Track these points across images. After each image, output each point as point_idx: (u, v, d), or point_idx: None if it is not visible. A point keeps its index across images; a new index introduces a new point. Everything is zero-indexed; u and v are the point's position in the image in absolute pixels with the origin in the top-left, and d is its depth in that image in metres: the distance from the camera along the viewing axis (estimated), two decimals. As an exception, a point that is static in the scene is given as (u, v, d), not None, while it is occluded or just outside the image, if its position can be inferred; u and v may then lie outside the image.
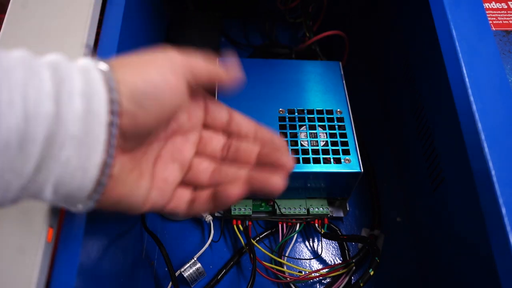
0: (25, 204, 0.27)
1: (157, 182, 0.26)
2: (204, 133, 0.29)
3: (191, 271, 0.44)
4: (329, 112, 0.46)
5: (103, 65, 0.22)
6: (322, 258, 0.49)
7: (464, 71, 0.33)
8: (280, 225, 0.47)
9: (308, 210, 0.47)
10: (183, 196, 0.27)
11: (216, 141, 0.29)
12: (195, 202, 0.27)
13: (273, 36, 0.64)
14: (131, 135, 0.22)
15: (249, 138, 0.28)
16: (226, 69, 0.27)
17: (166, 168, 0.26)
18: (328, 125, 0.45)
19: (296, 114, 0.46)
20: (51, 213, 0.28)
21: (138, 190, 0.24)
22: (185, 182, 0.27)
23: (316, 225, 0.47)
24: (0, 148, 0.18)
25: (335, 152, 0.43)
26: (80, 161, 0.20)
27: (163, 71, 0.23)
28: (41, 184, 0.20)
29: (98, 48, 0.34)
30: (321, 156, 0.43)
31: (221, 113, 0.29)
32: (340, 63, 0.51)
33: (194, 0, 0.61)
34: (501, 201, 0.28)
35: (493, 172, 0.29)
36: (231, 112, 0.29)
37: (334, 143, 0.44)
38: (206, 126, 0.29)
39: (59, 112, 0.19)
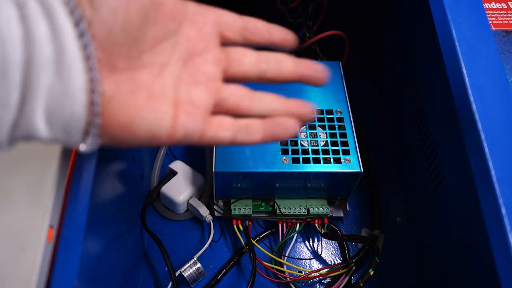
0: (26, 203, 0.27)
1: (183, 105, 0.24)
2: (225, 51, 0.27)
3: (191, 271, 0.44)
4: (329, 112, 0.46)
5: None
6: (322, 258, 0.49)
7: (464, 71, 0.33)
8: (280, 225, 0.47)
9: (308, 210, 0.47)
10: (224, 122, 0.26)
11: (243, 57, 0.27)
12: (243, 129, 0.26)
13: (273, 36, 0.64)
14: (110, 44, 0.21)
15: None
16: None
17: (190, 91, 0.25)
18: (328, 125, 0.45)
19: (296, 114, 0.46)
20: (51, 213, 0.28)
21: (154, 113, 0.23)
22: (221, 109, 0.26)
23: (316, 225, 0.47)
24: None
25: (335, 152, 0.43)
26: (63, 85, 0.20)
27: None
28: (30, 115, 0.19)
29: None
30: (321, 156, 0.43)
31: (235, 21, 0.27)
32: (340, 63, 0.51)
33: (194, 0, 0.61)
34: (501, 201, 0.28)
35: (493, 172, 0.29)
36: (245, 19, 0.28)
37: (334, 143, 0.44)
38: (224, 41, 0.27)
39: (29, 34, 0.19)
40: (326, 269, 0.47)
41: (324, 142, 0.44)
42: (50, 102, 0.20)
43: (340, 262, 0.48)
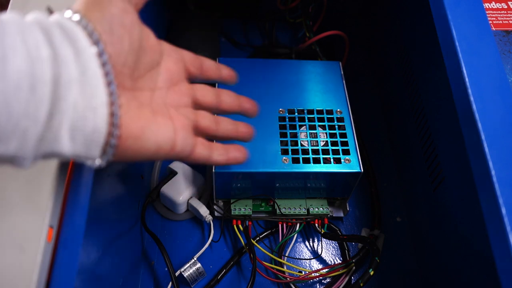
0: (26, 203, 0.27)
1: (177, 122, 0.29)
2: (191, 85, 0.32)
3: (191, 271, 0.44)
4: (329, 112, 0.46)
5: (71, 14, 0.24)
6: (322, 258, 0.49)
7: (464, 71, 0.33)
8: (280, 225, 0.47)
9: (308, 210, 0.47)
10: (204, 142, 0.31)
11: (205, 91, 0.33)
12: (217, 150, 0.32)
13: (273, 36, 0.64)
14: (119, 64, 0.24)
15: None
16: None
17: (177, 112, 0.30)
18: (328, 125, 0.45)
19: (296, 114, 0.46)
20: (51, 213, 0.28)
21: (160, 126, 0.27)
22: (195, 131, 0.31)
23: (316, 225, 0.47)
24: (12, 91, 0.19)
25: (335, 152, 0.43)
26: (86, 100, 0.22)
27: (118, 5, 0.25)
28: (56, 130, 0.21)
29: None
30: (321, 156, 0.43)
31: (195, 59, 0.32)
32: (340, 63, 0.51)
33: (194, 0, 0.61)
34: (501, 201, 0.28)
35: (493, 172, 0.29)
36: (201, 58, 0.33)
37: (334, 143, 0.44)
38: (188, 75, 0.32)
39: (56, 55, 0.21)
40: (326, 269, 0.47)
41: (324, 142, 0.44)
42: (75, 117, 0.22)
43: (340, 262, 0.48)
